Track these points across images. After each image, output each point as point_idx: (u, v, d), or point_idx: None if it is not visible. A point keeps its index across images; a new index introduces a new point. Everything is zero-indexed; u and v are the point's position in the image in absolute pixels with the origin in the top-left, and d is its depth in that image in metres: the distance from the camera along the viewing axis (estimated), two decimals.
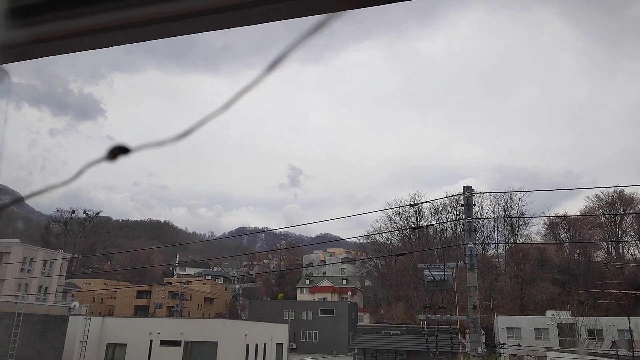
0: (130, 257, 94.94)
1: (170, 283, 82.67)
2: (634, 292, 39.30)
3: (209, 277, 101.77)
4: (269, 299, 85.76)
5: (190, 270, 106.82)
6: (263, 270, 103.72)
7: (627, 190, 72.41)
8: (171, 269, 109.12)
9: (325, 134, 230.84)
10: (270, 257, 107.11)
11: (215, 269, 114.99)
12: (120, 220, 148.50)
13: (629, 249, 75.43)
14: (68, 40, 1.07)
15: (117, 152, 0.86)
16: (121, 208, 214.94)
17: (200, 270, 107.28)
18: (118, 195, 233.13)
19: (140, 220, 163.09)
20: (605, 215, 73.50)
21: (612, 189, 70.81)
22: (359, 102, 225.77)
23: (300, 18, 0.97)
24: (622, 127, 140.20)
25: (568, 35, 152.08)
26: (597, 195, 74.94)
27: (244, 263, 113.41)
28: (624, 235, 74.79)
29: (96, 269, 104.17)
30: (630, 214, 70.80)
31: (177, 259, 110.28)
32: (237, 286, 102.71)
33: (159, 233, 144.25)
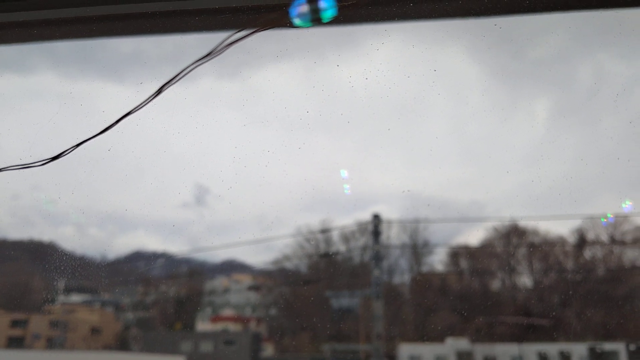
0: (5, 282, 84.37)
1: (52, 311, 74.45)
2: (526, 320, 41.44)
3: (98, 305, 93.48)
4: (165, 329, 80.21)
5: (75, 297, 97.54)
6: (160, 297, 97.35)
7: (521, 223, 78.35)
8: (53, 295, 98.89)
9: (236, 154, 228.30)
10: (168, 283, 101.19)
11: (105, 296, 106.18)
12: None
13: (521, 279, 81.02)
14: None
15: None
16: None
17: (88, 297, 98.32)
18: None
19: (20, 239, 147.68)
20: (500, 247, 78.38)
21: (507, 222, 76.09)
22: (274, 123, 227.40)
23: (214, 33, 0.96)
24: (518, 163, 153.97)
25: (475, 72, 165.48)
26: (493, 227, 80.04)
27: (139, 290, 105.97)
28: (517, 265, 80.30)
29: None
30: (524, 246, 76.06)
31: (61, 284, 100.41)
32: (130, 315, 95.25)
33: (42, 254, 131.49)
